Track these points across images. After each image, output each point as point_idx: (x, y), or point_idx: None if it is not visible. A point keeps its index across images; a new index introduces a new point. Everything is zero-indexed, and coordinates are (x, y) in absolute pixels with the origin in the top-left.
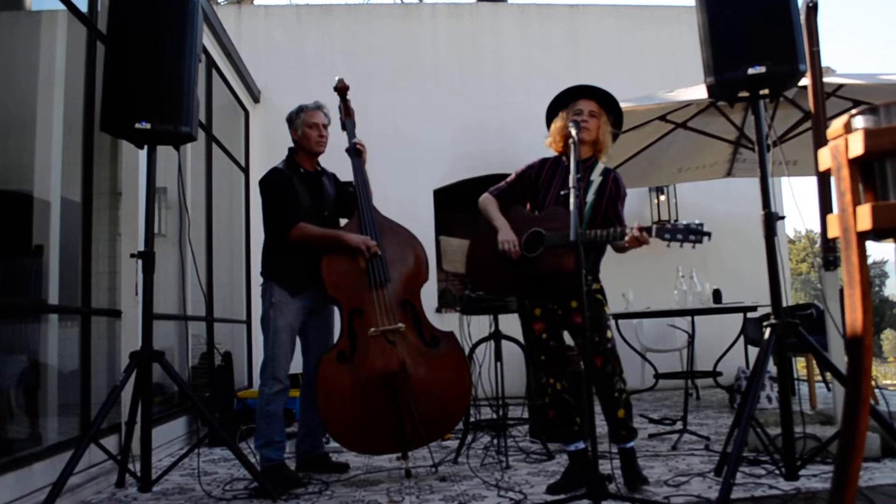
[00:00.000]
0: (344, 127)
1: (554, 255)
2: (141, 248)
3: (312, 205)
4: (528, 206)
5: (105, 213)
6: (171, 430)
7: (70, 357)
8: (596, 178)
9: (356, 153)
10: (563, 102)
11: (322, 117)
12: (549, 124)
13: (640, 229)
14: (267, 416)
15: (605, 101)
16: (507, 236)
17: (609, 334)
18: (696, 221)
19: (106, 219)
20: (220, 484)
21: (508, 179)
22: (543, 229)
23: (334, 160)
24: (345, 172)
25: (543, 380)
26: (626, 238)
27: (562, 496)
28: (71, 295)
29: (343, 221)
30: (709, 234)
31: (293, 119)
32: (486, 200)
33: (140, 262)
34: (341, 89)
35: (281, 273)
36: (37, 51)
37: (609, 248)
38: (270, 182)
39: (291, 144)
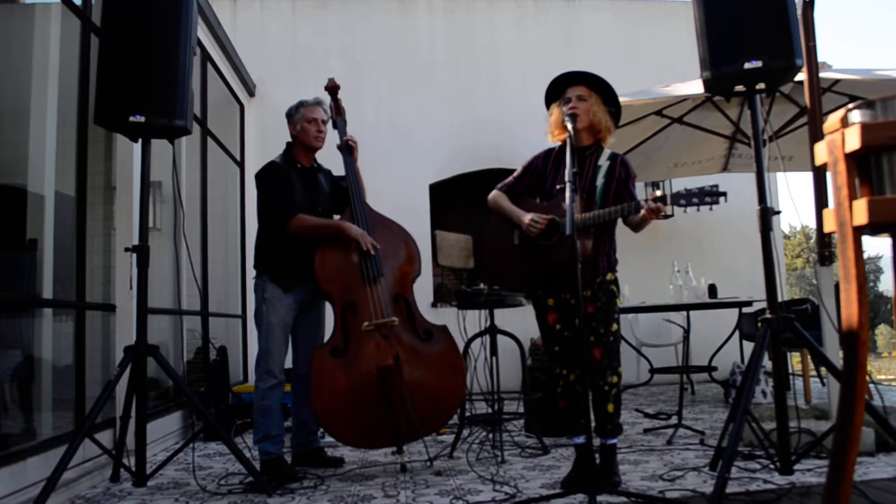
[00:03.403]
0: (335, 125)
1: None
2: (135, 242)
3: (307, 200)
4: (538, 198)
5: (99, 208)
6: (166, 425)
7: (64, 351)
8: (603, 162)
9: (348, 150)
10: (555, 93)
11: (321, 113)
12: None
13: (655, 199)
14: (263, 410)
15: (595, 84)
16: (529, 217)
17: (614, 328)
18: (710, 184)
19: (100, 213)
20: (215, 478)
21: (515, 174)
22: (557, 216)
23: (327, 156)
24: (337, 168)
25: (557, 370)
26: (643, 211)
27: (557, 490)
28: (65, 289)
29: (336, 217)
30: (724, 194)
31: (292, 114)
32: (497, 196)
33: (135, 256)
34: (332, 89)
35: (274, 268)
36: (31, 44)
37: (616, 239)
38: (268, 175)
39: (288, 138)
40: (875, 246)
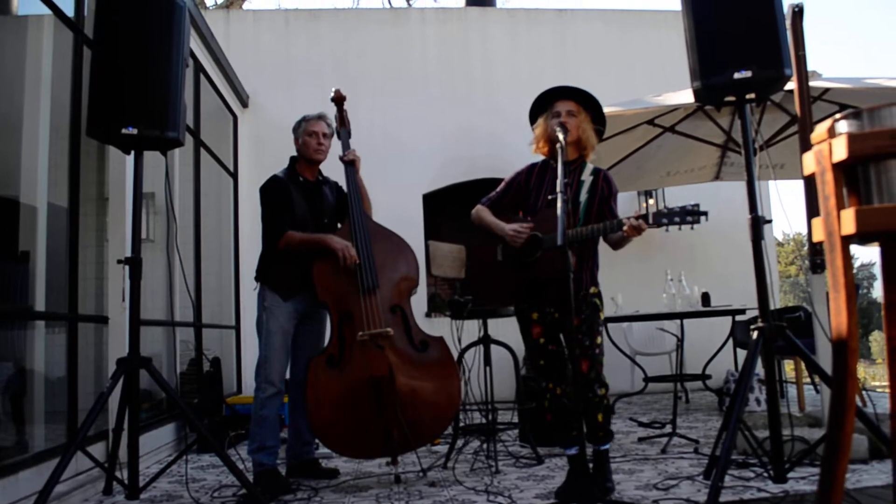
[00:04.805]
0: (338, 136)
1: (553, 257)
2: (128, 253)
3: (310, 213)
4: (521, 213)
5: (92, 219)
6: (159, 437)
7: (57, 364)
8: (587, 177)
9: (349, 162)
10: (543, 106)
11: (323, 126)
12: (533, 129)
13: (637, 217)
14: (260, 420)
15: (583, 100)
16: (511, 227)
17: (599, 340)
18: (692, 203)
19: (93, 224)
20: (209, 491)
21: (499, 189)
22: (539, 232)
23: (330, 168)
24: (340, 180)
25: (543, 384)
26: (625, 228)
27: (551, 501)
28: (58, 301)
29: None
30: (705, 214)
31: (296, 129)
32: (480, 210)
33: (127, 267)
34: (338, 100)
35: (273, 278)
36: (23, 55)
37: (600, 253)
38: (266, 190)
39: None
40: (868, 253)
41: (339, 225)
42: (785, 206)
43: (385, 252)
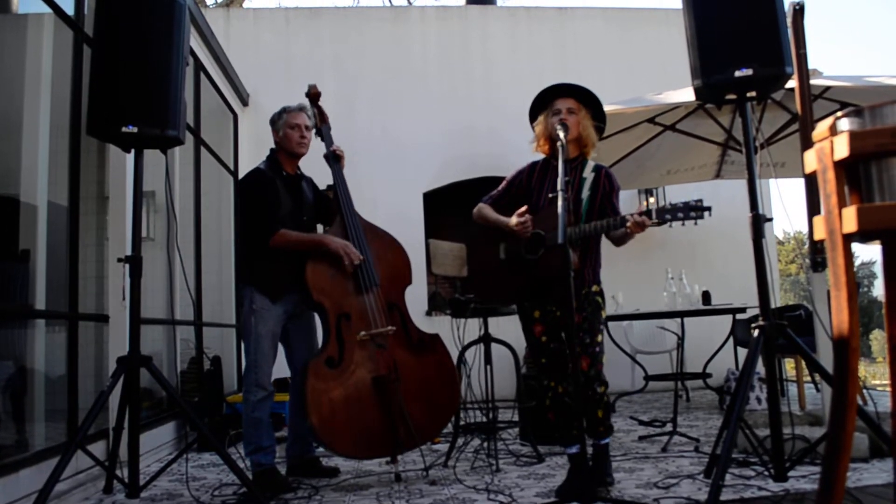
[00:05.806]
0: (319, 133)
1: (556, 256)
2: (128, 252)
3: (293, 208)
4: None
5: (92, 218)
6: (160, 436)
7: (57, 362)
8: (588, 174)
9: (335, 159)
10: (542, 104)
11: (305, 118)
12: (534, 127)
13: (641, 213)
14: (253, 422)
15: (583, 97)
16: (514, 220)
17: (599, 338)
18: (695, 198)
19: (93, 223)
20: (209, 489)
21: (500, 187)
22: (542, 230)
23: (312, 166)
24: (320, 178)
25: (545, 382)
26: (628, 224)
27: (552, 499)
28: (58, 300)
29: (320, 228)
30: (709, 209)
31: (275, 121)
32: (481, 208)
33: (127, 266)
34: (313, 96)
35: (261, 278)
36: (23, 54)
37: (603, 250)
38: (253, 184)
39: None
40: (869, 252)
41: (317, 223)
42: (786, 204)
43: (378, 250)
